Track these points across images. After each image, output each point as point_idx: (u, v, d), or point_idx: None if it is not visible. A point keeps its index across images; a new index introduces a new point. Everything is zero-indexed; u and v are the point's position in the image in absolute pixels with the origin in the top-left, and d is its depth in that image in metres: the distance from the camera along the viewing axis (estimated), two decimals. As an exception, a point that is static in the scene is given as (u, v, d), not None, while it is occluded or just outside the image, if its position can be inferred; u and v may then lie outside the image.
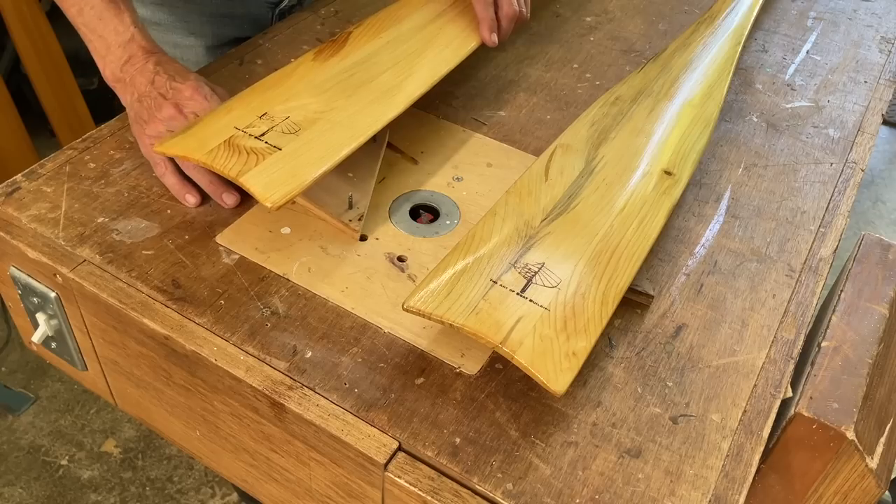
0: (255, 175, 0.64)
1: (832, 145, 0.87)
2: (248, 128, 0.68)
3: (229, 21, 1.01)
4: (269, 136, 0.68)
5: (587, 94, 0.90)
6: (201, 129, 0.68)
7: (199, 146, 0.66)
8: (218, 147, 0.66)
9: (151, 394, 0.69)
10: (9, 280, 0.71)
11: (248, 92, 0.73)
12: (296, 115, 0.71)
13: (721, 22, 0.97)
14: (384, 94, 0.75)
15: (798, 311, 0.67)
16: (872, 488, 0.58)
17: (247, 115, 0.70)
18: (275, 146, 0.67)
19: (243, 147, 0.66)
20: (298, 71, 0.77)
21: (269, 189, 0.63)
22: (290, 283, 0.65)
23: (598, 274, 0.61)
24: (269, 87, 0.74)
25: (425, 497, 0.52)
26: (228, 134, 0.67)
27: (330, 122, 0.70)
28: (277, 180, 0.64)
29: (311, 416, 0.55)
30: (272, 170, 0.64)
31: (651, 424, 0.58)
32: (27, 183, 0.72)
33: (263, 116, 0.70)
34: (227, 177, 0.64)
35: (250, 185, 0.63)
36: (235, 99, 0.73)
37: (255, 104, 0.71)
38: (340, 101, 0.73)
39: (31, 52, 1.87)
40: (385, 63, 0.79)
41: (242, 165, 0.65)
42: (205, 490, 1.58)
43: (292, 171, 0.65)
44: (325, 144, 0.68)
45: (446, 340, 0.61)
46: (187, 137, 0.67)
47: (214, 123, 0.69)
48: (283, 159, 0.65)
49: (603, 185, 0.70)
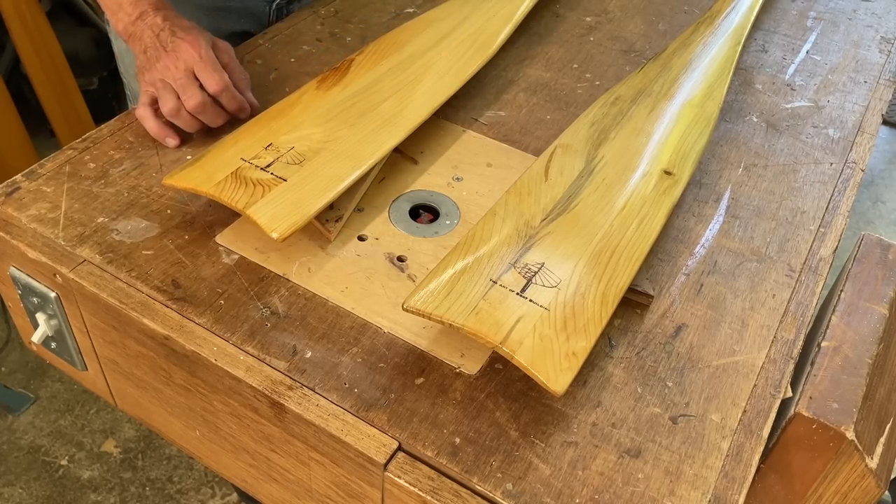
0: (261, 207, 0.66)
1: (832, 145, 0.87)
2: (254, 159, 0.70)
3: (226, 15, 1.01)
4: (274, 168, 0.69)
5: (587, 94, 0.90)
6: (209, 161, 0.70)
7: (207, 179, 0.68)
8: (225, 179, 0.68)
9: (151, 394, 0.69)
10: (9, 280, 0.71)
11: (254, 122, 0.75)
12: (300, 146, 0.72)
13: (721, 22, 0.97)
14: (385, 123, 0.76)
15: (798, 311, 0.67)
16: (872, 488, 0.58)
17: (253, 146, 0.71)
18: (280, 177, 0.68)
19: (249, 179, 0.68)
20: (303, 100, 0.78)
21: (275, 221, 0.65)
22: (289, 283, 0.65)
23: (597, 274, 0.61)
24: (274, 118, 0.75)
25: (425, 497, 0.52)
26: (235, 166, 0.69)
27: (333, 153, 0.72)
28: (283, 212, 0.65)
29: (310, 416, 0.55)
30: (278, 201, 0.66)
31: (651, 424, 0.58)
32: (27, 183, 0.72)
33: (269, 147, 0.71)
34: (235, 209, 0.66)
35: (257, 217, 0.65)
36: (242, 129, 0.74)
37: (261, 135, 0.73)
38: (343, 130, 0.74)
39: (31, 52, 1.87)
40: (386, 91, 0.80)
41: (249, 197, 0.66)
42: (205, 490, 1.58)
43: (297, 203, 0.66)
44: (328, 175, 0.69)
45: (446, 340, 0.61)
46: (195, 170, 0.69)
47: (222, 154, 0.71)
48: (289, 191, 0.67)
49: (603, 185, 0.70)
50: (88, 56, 2.10)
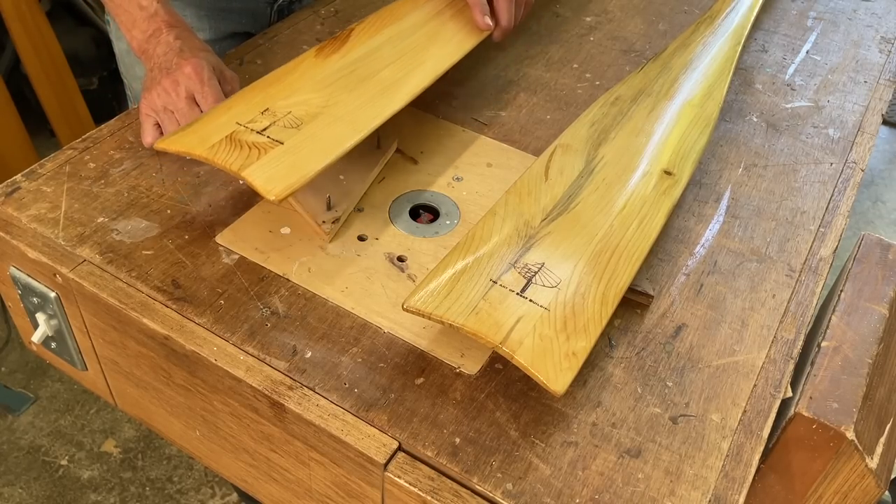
0: (257, 169, 0.64)
1: (832, 145, 0.87)
2: (250, 123, 0.68)
3: (227, 15, 1.02)
4: (270, 131, 0.68)
5: (587, 94, 0.90)
6: (203, 126, 0.68)
7: (201, 142, 0.66)
8: (220, 142, 0.66)
9: (151, 394, 0.69)
10: (9, 280, 0.71)
11: (249, 88, 0.74)
12: (298, 111, 0.71)
13: (721, 22, 0.97)
14: (386, 89, 0.75)
15: (798, 311, 0.67)
16: (872, 488, 0.58)
17: (249, 111, 0.70)
18: (277, 140, 0.67)
19: (245, 142, 0.66)
20: (300, 67, 0.77)
21: (271, 182, 0.63)
22: (289, 283, 0.65)
23: (597, 274, 0.61)
24: (271, 84, 0.74)
25: (425, 497, 0.52)
26: (230, 129, 0.68)
27: (332, 117, 0.70)
28: (279, 174, 0.64)
29: (310, 416, 0.55)
30: (274, 164, 0.65)
31: (651, 424, 0.58)
32: (27, 183, 0.72)
33: (265, 112, 0.70)
34: (229, 171, 0.65)
35: (252, 178, 0.63)
36: (237, 95, 0.73)
37: (257, 100, 0.72)
38: (342, 95, 0.73)
39: (31, 52, 1.87)
40: (387, 59, 0.79)
41: (244, 160, 0.65)
42: (205, 490, 1.58)
43: (294, 165, 0.65)
44: (326, 138, 0.68)
45: (446, 340, 0.61)
46: (188, 134, 0.67)
47: (216, 119, 0.69)
48: (285, 153, 0.66)
49: (603, 184, 0.70)
50: (88, 56, 2.10)
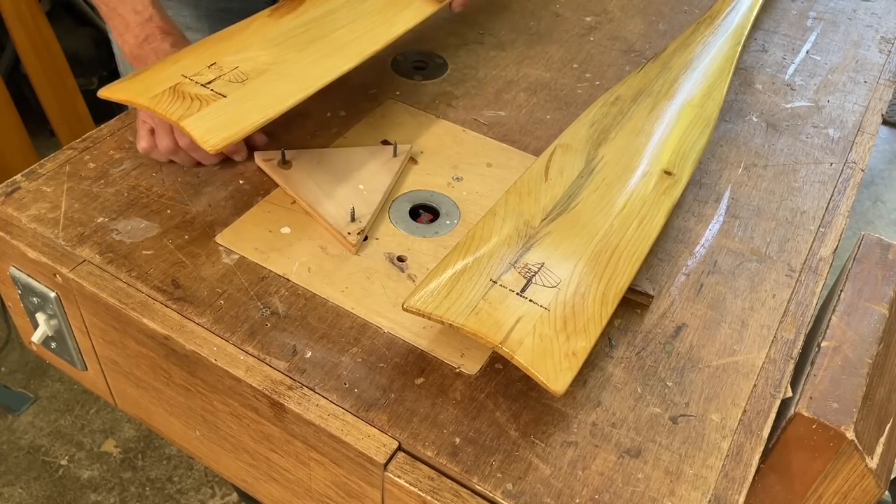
0: (197, 119, 0.65)
1: (832, 145, 0.87)
2: (196, 76, 0.69)
3: (226, 16, 1.01)
4: (215, 84, 0.69)
5: (587, 94, 0.90)
6: (149, 76, 0.69)
7: (145, 91, 0.67)
8: (163, 93, 0.67)
9: (151, 394, 0.69)
10: (9, 280, 0.71)
11: (199, 43, 0.75)
12: (245, 66, 0.71)
13: (721, 22, 0.97)
14: (337, 50, 0.75)
15: (798, 311, 0.67)
16: (872, 488, 0.58)
17: (195, 65, 0.71)
18: (220, 94, 0.68)
19: (188, 94, 0.67)
20: (252, 26, 0.77)
21: (210, 133, 0.64)
22: (289, 283, 0.65)
23: (597, 274, 0.61)
24: (221, 40, 0.74)
25: (425, 497, 0.52)
26: (175, 81, 0.69)
27: (278, 74, 0.71)
28: (218, 125, 0.65)
29: (310, 416, 0.55)
30: (214, 115, 0.66)
31: (651, 424, 0.57)
32: (27, 183, 0.72)
33: (212, 66, 0.71)
34: (169, 121, 0.66)
35: (191, 129, 0.64)
36: (186, 49, 0.74)
37: (206, 55, 0.72)
38: (292, 54, 0.73)
39: (31, 52, 1.87)
40: (342, 20, 0.78)
41: (185, 111, 0.66)
42: (205, 490, 1.58)
43: (234, 118, 0.66)
44: (271, 94, 0.68)
45: (446, 340, 0.61)
46: (134, 83, 0.68)
47: (163, 71, 0.70)
48: (227, 106, 0.66)
49: (603, 184, 0.70)
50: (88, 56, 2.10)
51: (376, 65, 0.90)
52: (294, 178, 0.73)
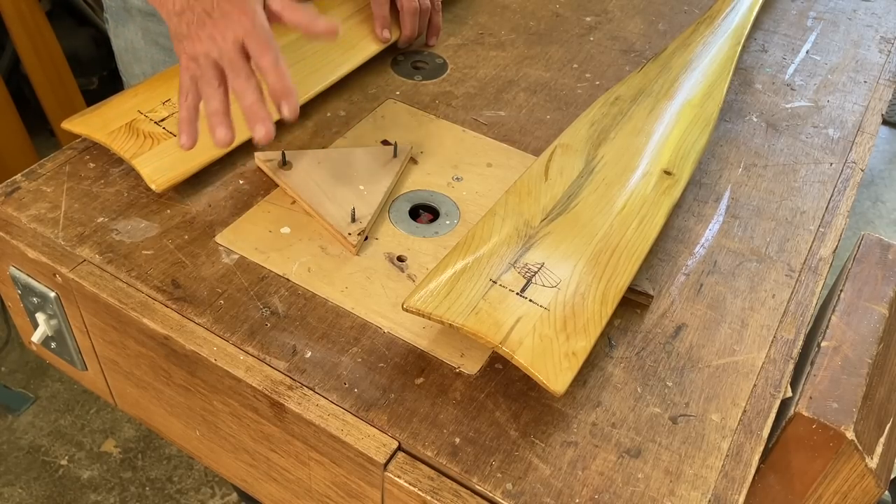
0: (147, 159, 0.69)
1: (832, 145, 0.87)
2: (150, 112, 0.73)
3: None
4: (167, 123, 0.72)
5: (587, 94, 0.90)
6: (108, 110, 0.74)
7: (103, 126, 0.72)
8: (119, 129, 0.72)
9: (151, 394, 0.69)
10: (9, 280, 0.71)
11: (157, 77, 0.78)
12: None
13: (721, 22, 0.97)
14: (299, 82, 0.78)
15: (798, 311, 0.67)
16: (872, 488, 0.58)
17: (151, 100, 0.75)
18: (171, 132, 0.71)
19: (142, 131, 0.72)
20: None
21: (157, 173, 0.68)
22: (289, 283, 0.65)
23: (597, 274, 0.61)
24: (176, 75, 0.74)
25: (425, 497, 0.52)
26: (131, 117, 0.73)
27: None
28: (165, 166, 0.69)
29: (310, 416, 0.55)
30: (164, 155, 0.69)
31: (651, 424, 0.58)
32: (27, 183, 0.72)
33: (166, 103, 0.74)
34: (123, 158, 0.70)
35: (141, 168, 0.69)
36: (146, 83, 0.78)
37: (162, 90, 0.76)
38: None
39: (31, 52, 1.87)
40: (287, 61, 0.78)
41: (138, 148, 0.70)
42: (205, 490, 1.58)
43: (181, 158, 0.69)
44: None
45: (446, 340, 0.61)
46: (94, 117, 0.73)
47: (122, 105, 0.75)
48: (176, 146, 0.68)
49: (603, 184, 0.70)
50: (88, 56, 2.10)
51: (376, 65, 0.90)
52: (294, 178, 0.73)
